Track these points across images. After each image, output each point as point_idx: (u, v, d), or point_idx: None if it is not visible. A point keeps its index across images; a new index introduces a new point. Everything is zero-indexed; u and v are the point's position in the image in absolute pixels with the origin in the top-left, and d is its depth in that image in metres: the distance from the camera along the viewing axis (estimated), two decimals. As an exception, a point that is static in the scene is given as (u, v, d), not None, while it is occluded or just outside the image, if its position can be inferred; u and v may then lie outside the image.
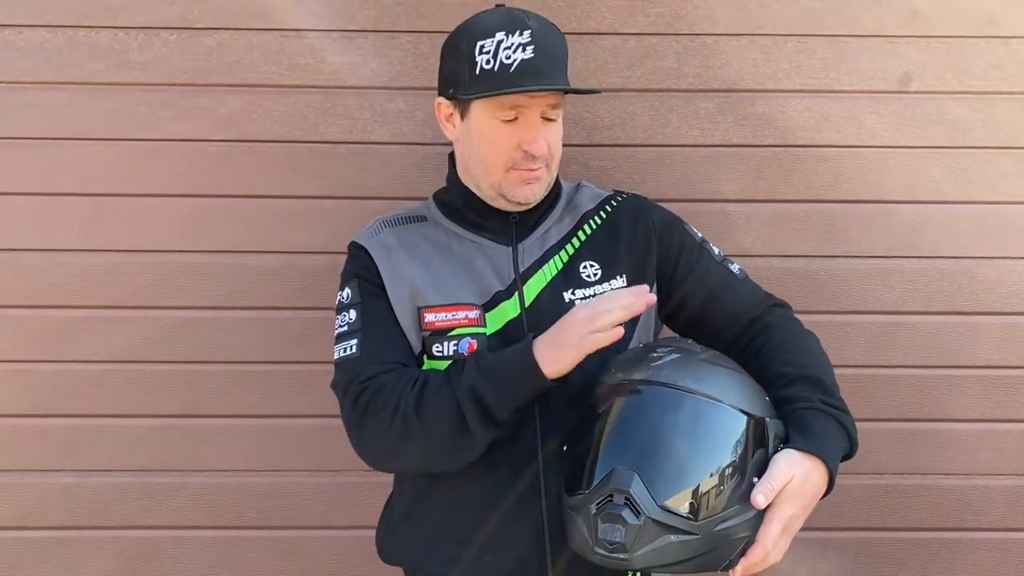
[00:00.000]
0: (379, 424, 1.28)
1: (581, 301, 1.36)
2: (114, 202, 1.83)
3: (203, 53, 1.81)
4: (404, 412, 1.26)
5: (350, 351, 1.35)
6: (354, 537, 1.87)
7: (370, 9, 1.81)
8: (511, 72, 1.28)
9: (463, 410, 1.24)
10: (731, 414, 1.20)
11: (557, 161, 1.40)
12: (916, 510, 1.91)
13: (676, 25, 1.83)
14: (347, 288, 1.41)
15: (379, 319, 1.36)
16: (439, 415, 1.25)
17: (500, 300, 1.36)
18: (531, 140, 1.32)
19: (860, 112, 1.85)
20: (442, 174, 1.77)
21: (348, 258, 1.45)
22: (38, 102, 1.81)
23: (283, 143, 1.83)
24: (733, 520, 1.16)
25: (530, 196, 1.37)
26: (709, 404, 1.19)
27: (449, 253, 1.41)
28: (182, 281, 1.85)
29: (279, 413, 1.87)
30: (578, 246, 1.42)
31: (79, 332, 1.85)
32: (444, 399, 1.25)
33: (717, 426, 1.19)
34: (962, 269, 1.87)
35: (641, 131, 1.85)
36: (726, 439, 1.19)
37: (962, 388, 1.89)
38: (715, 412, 1.19)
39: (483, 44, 1.30)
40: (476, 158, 1.38)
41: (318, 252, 1.83)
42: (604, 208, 1.47)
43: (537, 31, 1.30)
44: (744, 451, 1.19)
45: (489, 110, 1.32)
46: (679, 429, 1.18)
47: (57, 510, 1.88)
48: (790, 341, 1.40)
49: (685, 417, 1.18)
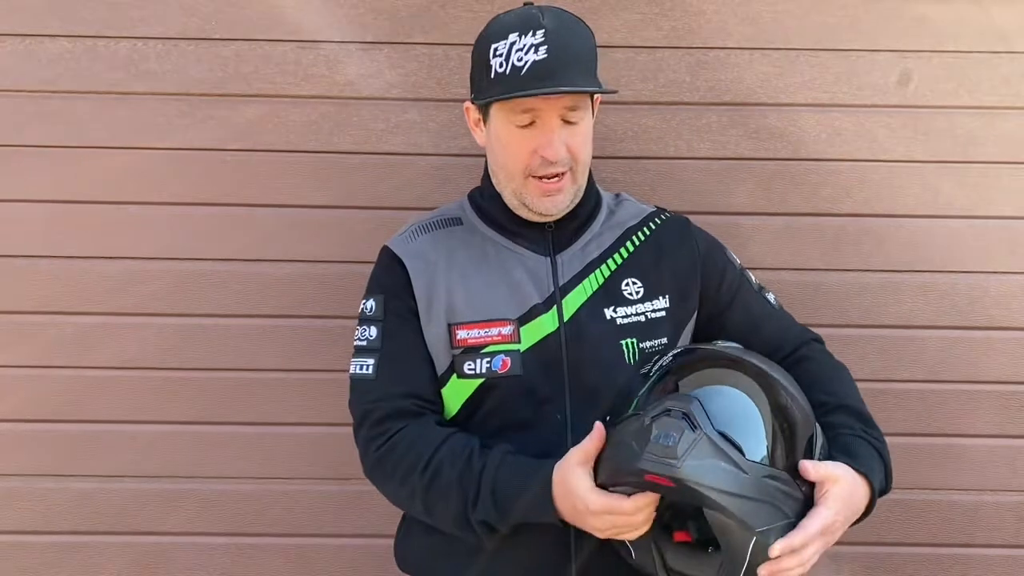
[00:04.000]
0: (388, 484, 1.32)
1: (623, 319, 1.33)
2: (132, 210, 1.85)
3: (220, 63, 1.83)
4: (411, 490, 1.27)
5: (365, 370, 1.33)
6: (364, 545, 1.88)
7: (385, 21, 1.82)
8: (522, 75, 1.23)
9: (470, 520, 1.24)
10: (793, 398, 1.19)
11: (583, 167, 1.33)
12: (926, 525, 1.90)
13: (688, 39, 1.84)
14: (372, 300, 1.37)
15: (399, 343, 1.33)
16: (444, 513, 1.26)
17: (538, 314, 1.32)
18: (545, 144, 1.27)
19: (871, 126, 1.85)
20: (455, 185, 1.80)
21: (379, 265, 1.41)
22: (59, 111, 1.83)
23: (298, 153, 1.84)
24: (781, 484, 1.12)
25: (551, 208, 1.32)
26: (775, 382, 1.20)
27: (486, 263, 1.36)
28: (196, 288, 1.86)
29: (291, 421, 1.88)
30: (620, 262, 1.38)
31: (94, 338, 1.86)
32: (452, 502, 1.24)
33: (778, 400, 1.18)
34: (973, 283, 1.87)
35: (652, 143, 1.85)
36: (785, 412, 1.18)
37: (972, 403, 1.89)
38: (779, 390, 1.19)
39: (496, 47, 1.27)
40: (498, 164, 1.34)
41: (331, 261, 1.84)
42: (648, 225, 1.44)
43: (551, 31, 1.24)
44: (796, 432, 1.18)
45: (504, 115, 1.29)
46: (742, 388, 1.17)
47: (70, 515, 1.89)
48: (828, 373, 1.40)
49: (747, 383, 1.17)
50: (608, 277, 1.37)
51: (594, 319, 1.33)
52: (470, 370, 1.31)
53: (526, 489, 1.21)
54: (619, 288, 1.36)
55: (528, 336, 1.31)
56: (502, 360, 1.30)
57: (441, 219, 1.44)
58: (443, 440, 1.27)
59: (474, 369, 1.31)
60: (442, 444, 1.27)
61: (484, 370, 1.30)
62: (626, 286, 1.36)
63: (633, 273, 1.38)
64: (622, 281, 1.37)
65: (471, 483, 1.23)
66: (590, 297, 1.35)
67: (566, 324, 1.32)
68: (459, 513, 1.24)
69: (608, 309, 1.34)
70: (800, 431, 1.19)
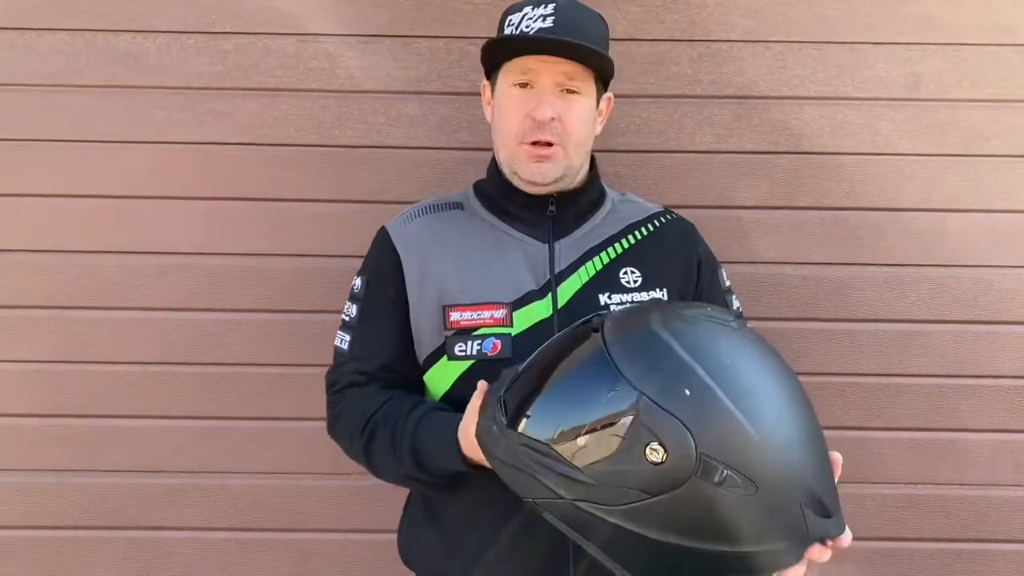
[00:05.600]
0: (342, 446, 1.39)
1: (617, 306, 1.33)
2: (132, 204, 1.85)
3: (220, 57, 1.83)
4: (357, 451, 1.34)
5: (343, 344, 1.40)
6: (367, 540, 1.88)
7: (385, 14, 1.82)
8: (526, 38, 1.29)
9: (403, 476, 1.30)
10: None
11: (575, 142, 1.33)
12: (932, 521, 1.90)
13: (691, 32, 1.83)
14: (359, 279, 1.42)
15: (373, 323, 1.38)
16: (385, 471, 1.33)
17: (532, 299, 1.33)
18: (535, 106, 1.29)
19: (875, 119, 1.84)
20: (455, 178, 1.79)
21: (373, 245, 1.43)
22: (58, 105, 1.83)
23: (298, 147, 1.84)
24: (537, 453, 1.04)
25: (538, 175, 1.33)
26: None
27: (483, 247, 1.37)
28: (197, 283, 1.86)
29: (292, 416, 1.87)
30: (621, 252, 1.38)
31: (96, 334, 1.87)
32: (388, 460, 1.30)
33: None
34: (978, 278, 1.86)
35: (655, 137, 1.85)
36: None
37: (978, 398, 1.88)
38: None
39: (511, 18, 1.33)
40: (497, 131, 1.37)
41: (332, 255, 1.84)
42: (653, 222, 1.44)
43: (562, 5, 1.30)
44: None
45: (505, 76, 1.33)
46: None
47: (71, 510, 1.89)
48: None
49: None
50: (607, 264, 1.37)
51: (588, 305, 1.32)
52: (460, 352, 1.32)
53: (439, 444, 1.25)
54: (617, 276, 1.36)
55: (521, 321, 1.31)
56: (492, 343, 1.31)
57: (442, 203, 1.45)
58: (381, 404, 1.33)
59: (464, 351, 1.32)
60: (379, 408, 1.32)
61: (474, 352, 1.31)
62: (624, 274, 1.36)
63: (634, 263, 1.38)
64: (620, 269, 1.37)
65: (399, 442, 1.28)
66: (585, 284, 1.35)
67: (560, 311, 1.32)
68: (394, 470, 1.30)
69: (603, 295, 1.34)
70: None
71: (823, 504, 1.00)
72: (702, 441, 0.93)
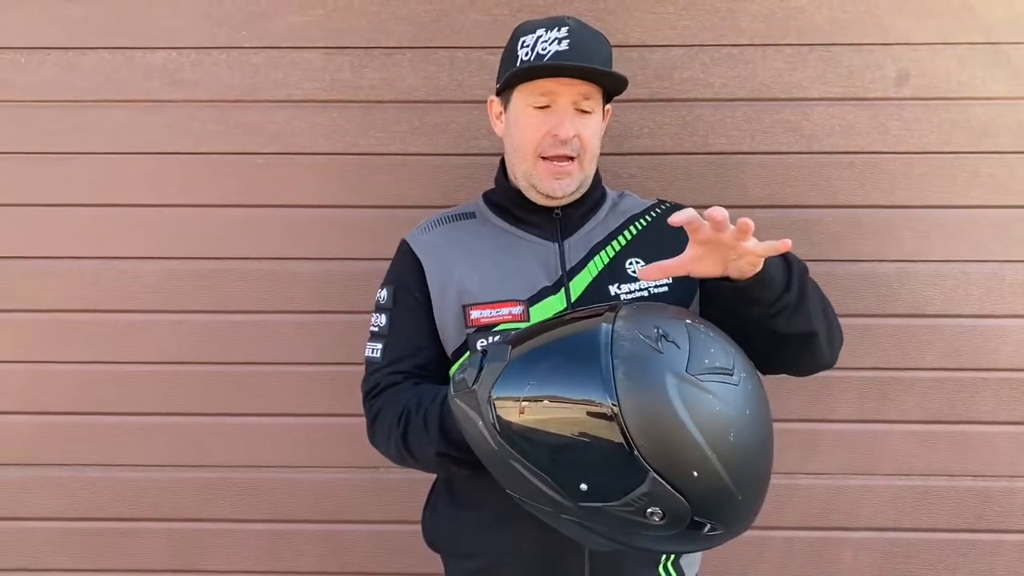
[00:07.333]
0: (382, 447, 1.41)
1: (627, 296, 1.40)
2: (169, 212, 1.93)
3: (251, 71, 1.90)
4: (396, 446, 1.36)
5: (375, 354, 1.45)
6: (397, 531, 1.95)
7: (406, 26, 1.88)
8: (544, 61, 1.35)
9: (435, 456, 1.32)
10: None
11: (590, 156, 1.42)
12: (941, 511, 1.93)
13: (702, 36, 1.88)
14: (385, 290, 1.48)
15: (404, 330, 1.43)
16: (421, 457, 1.35)
17: (547, 295, 1.40)
18: (557, 124, 1.36)
19: (884, 119, 1.87)
20: (475, 184, 1.84)
21: (396, 256, 1.51)
22: (98, 119, 1.91)
23: (325, 155, 1.91)
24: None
25: (558, 190, 1.41)
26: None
27: (496, 249, 1.45)
28: (230, 286, 1.94)
29: (323, 412, 1.94)
30: (624, 244, 1.46)
31: (133, 335, 1.95)
32: (422, 444, 1.33)
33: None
34: (988, 272, 1.89)
35: (669, 140, 1.90)
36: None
37: (987, 390, 1.91)
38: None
39: (524, 40, 1.38)
40: (512, 146, 1.43)
41: (357, 258, 1.91)
42: (650, 213, 1.51)
43: (575, 29, 1.37)
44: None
45: (524, 97, 1.39)
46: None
47: (115, 503, 1.98)
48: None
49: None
50: (613, 257, 1.44)
51: (600, 297, 1.40)
52: (481, 346, 1.38)
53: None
54: (623, 267, 1.43)
55: (537, 315, 1.39)
56: None
57: (455, 214, 1.54)
58: (412, 395, 1.37)
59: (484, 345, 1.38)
60: (410, 397, 1.37)
61: None
62: (629, 265, 1.43)
63: (637, 253, 1.45)
64: (626, 260, 1.44)
65: (430, 422, 1.32)
66: (596, 277, 1.42)
67: (574, 304, 1.40)
68: (430, 451, 1.33)
69: (613, 286, 1.41)
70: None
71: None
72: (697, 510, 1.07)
